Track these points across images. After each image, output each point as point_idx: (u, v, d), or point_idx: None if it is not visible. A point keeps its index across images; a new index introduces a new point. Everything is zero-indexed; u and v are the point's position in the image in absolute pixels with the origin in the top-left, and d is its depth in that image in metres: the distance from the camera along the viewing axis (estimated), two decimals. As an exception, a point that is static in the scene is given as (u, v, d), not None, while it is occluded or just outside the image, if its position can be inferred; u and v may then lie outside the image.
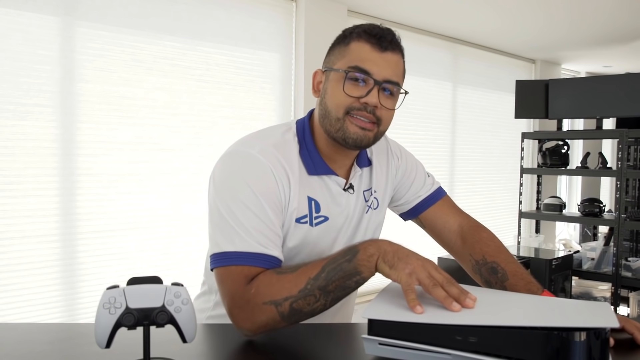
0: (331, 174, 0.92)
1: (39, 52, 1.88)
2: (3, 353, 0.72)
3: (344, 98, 0.86)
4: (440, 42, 3.49)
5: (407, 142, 3.29)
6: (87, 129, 2.01)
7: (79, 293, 2.01)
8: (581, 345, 0.62)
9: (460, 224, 1.04)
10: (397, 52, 0.88)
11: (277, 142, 0.89)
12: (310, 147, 0.91)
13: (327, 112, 0.88)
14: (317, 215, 0.89)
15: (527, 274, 0.94)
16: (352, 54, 0.87)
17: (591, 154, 3.62)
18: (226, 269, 0.80)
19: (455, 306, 0.69)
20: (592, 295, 3.39)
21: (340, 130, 0.86)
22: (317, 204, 0.90)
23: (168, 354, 0.69)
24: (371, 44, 0.86)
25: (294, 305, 0.76)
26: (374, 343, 0.70)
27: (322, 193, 0.91)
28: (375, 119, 0.86)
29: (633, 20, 3.07)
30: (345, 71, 0.86)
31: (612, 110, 3.37)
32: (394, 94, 0.89)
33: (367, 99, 0.85)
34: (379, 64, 0.85)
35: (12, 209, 1.85)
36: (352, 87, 0.86)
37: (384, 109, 0.87)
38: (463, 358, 0.65)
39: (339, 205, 0.93)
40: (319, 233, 0.90)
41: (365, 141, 0.87)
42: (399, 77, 0.89)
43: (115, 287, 0.62)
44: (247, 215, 0.81)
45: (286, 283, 0.77)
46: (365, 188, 0.99)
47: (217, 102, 2.37)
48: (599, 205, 3.38)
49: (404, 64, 0.91)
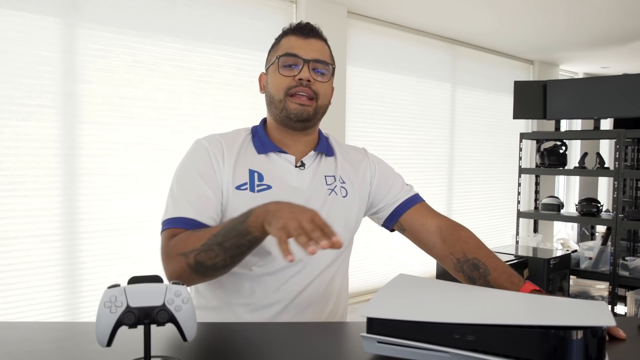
0: (280, 151, 1.03)
1: (41, 53, 1.89)
2: (5, 352, 0.72)
3: (281, 80, 0.99)
4: (439, 43, 3.51)
5: (407, 142, 3.33)
6: (89, 129, 2.02)
7: (80, 292, 2.02)
8: (578, 344, 0.62)
9: (438, 225, 1.06)
10: (319, 39, 1.03)
11: (226, 133, 1.05)
12: (261, 134, 1.05)
13: (272, 98, 1.02)
14: (259, 184, 0.99)
15: (507, 267, 0.98)
16: (282, 46, 1.02)
17: (589, 154, 3.64)
18: (163, 233, 0.95)
19: (310, 249, 0.69)
20: (589, 294, 3.40)
21: (284, 110, 1.00)
22: (260, 175, 1.00)
23: (168, 352, 0.69)
24: (295, 34, 1.02)
25: (197, 257, 0.86)
26: (372, 341, 0.70)
27: (268, 167, 1.02)
28: (313, 94, 0.99)
29: (630, 21, 3.09)
30: (278, 57, 1.01)
31: (609, 110, 3.39)
32: (326, 73, 1.02)
33: (300, 75, 0.98)
34: (304, 48, 1.00)
35: (15, 209, 1.86)
36: (286, 70, 1.00)
37: (318, 83, 1.00)
38: (461, 356, 0.65)
39: (286, 178, 1.01)
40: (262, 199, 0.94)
41: (305, 114, 0.99)
42: (325, 57, 1.02)
43: (116, 286, 0.62)
44: (181, 188, 0.97)
45: (195, 239, 0.88)
46: (328, 174, 1.06)
47: (218, 102, 2.39)
48: (597, 205, 3.40)
49: (330, 50, 1.06)
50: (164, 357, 0.68)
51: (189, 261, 0.87)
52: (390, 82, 3.20)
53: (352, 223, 1.07)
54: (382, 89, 3.15)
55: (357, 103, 2.99)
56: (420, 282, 0.87)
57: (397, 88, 3.24)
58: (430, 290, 0.82)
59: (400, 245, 3.15)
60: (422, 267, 3.26)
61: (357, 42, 3.00)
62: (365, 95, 3.05)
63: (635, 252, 3.75)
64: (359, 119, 3.01)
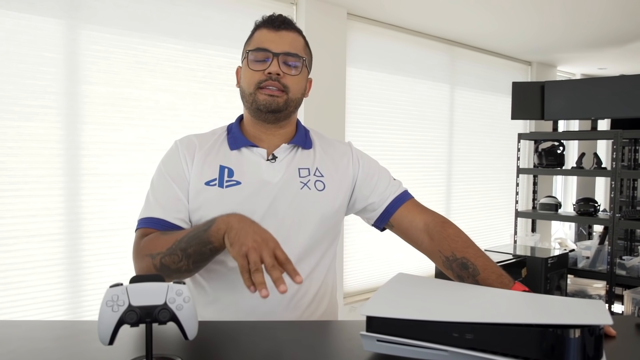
0: (252, 146, 1.03)
1: (44, 55, 1.90)
2: (8, 349, 0.72)
3: (252, 74, 0.99)
4: (438, 44, 3.52)
5: (406, 142, 3.35)
6: (91, 129, 2.03)
7: (82, 291, 2.03)
8: (576, 342, 0.62)
9: (425, 222, 1.05)
10: (291, 30, 1.01)
11: (202, 133, 1.07)
12: (235, 130, 1.05)
13: (243, 91, 1.02)
14: (228, 179, 0.99)
15: (497, 267, 0.97)
16: (254, 40, 1.02)
17: (586, 155, 3.67)
18: (136, 232, 0.97)
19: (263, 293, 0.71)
20: (587, 293, 3.42)
21: (254, 102, 0.99)
22: (230, 170, 1.00)
23: (170, 350, 0.69)
24: (266, 27, 1.01)
25: (162, 260, 0.89)
26: (372, 340, 0.70)
27: (239, 162, 1.01)
28: (283, 87, 0.98)
29: (627, 23, 3.11)
30: (248, 51, 1.00)
31: (606, 111, 3.41)
32: (297, 66, 1.00)
33: (270, 69, 0.97)
34: (275, 41, 0.99)
35: (18, 209, 1.87)
36: (257, 64, 0.99)
37: (289, 77, 0.99)
38: (460, 355, 0.66)
39: (256, 172, 1.01)
40: (230, 195, 0.97)
41: (274, 105, 0.99)
42: (297, 50, 1.00)
43: (118, 285, 0.63)
44: (153, 189, 1.00)
45: (162, 242, 0.90)
46: (302, 166, 1.04)
47: (219, 103, 2.40)
48: (594, 205, 3.43)
49: (304, 40, 1.04)
50: (166, 355, 0.69)
51: (155, 263, 0.89)
52: (390, 83, 3.22)
53: (331, 217, 1.04)
54: (382, 90, 3.17)
55: (356, 104, 3.01)
56: (419, 281, 0.87)
57: (396, 89, 3.26)
58: (429, 289, 0.82)
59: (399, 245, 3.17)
60: (421, 267, 3.28)
61: (357, 43, 3.02)
62: (365, 95, 3.07)
63: (632, 252, 3.78)
64: (359, 119, 3.03)
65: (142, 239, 0.94)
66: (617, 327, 0.81)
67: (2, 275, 1.84)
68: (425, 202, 1.16)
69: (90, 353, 0.71)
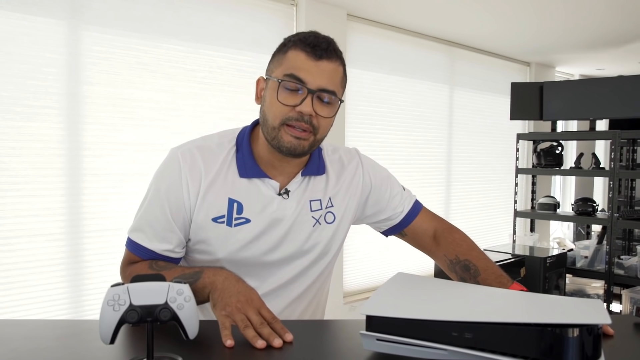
0: (264, 177, 0.93)
1: (45, 55, 1.91)
2: (10, 348, 0.72)
3: (280, 108, 0.87)
4: (437, 45, 3.54)
5: (405, 143, 3.37)
6: (92, 130, 2.04)
7: (84, 290, 2.04)
8: (574, 341, 0.62)
9: (435, 228, 1.09)
10: (333, 59, 0.88)
11: (205, 146, 0.94)
12: (246, 152, 0.94)
13: (265, 120, 0.90)
14: (237, 217, 0.91)
15: (497, 268, 0.99)
16: (288, 62, 0.87)
17: (585, 155, 3.68)
18: (125, 249, 0.95)
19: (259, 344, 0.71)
20: (585, 292, 3.43)
21: (275, 139, 0.88)
22: (240, 206, 0.91)
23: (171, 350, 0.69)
24: (306, 52, 0.87)
25: None
26: (371, 339, 0.71)
27: (249, 195, 0.92)
28: (312, 128, 0.87)
29: (625, 24, 3.13)
30: (280, 80, 0.87)
31: (605, 111, 3.43)
32: (331, 102, 0.89)
33: (301, 108, 0.86)
34: (313, 73, 0.86)
35: (20, 208, 1.88)
36: (287, 95, 0.87)
37: (320, 117, 0.88)
38: (459, 354, 0.66)
39: (268, 209, 0.93)
40: (237, 234, 0.91)
41: (299, 149, 0.88)
42: (335, 86, 0.89)
43: (119, 285, 0.63)
44: (150, 209, 0.92)
45: None
46: (314, 197, 0.97)
47: (219, 104, 2.41)
48: (592, 205, 3.44)
49: (344, 71, 0.92)
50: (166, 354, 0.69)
51: None
52: (389, 83, 3.23)
53: (338, 244, 1.03)
54: (381, 91, 3.19)
55: (356, 104, 3.03)
56: (418, 280, 0.87)
57: (395, 89, 3.27)
58: (429, 288, 0.83)
59: (398, 245, 3.19)
60: (420, 266, 3.30)
61: (357, 44, 3.03)
62: (365, 96, 3.08)
63: (630, 251, 3.79)
64: (358, 120, 3.05)
65: (128, 266, 0.94)
66: (615, 327, 0.81)
67: (4, 275, 1.86)
68: (425, 202, 1.18)
69: (92, 352, 0.72)
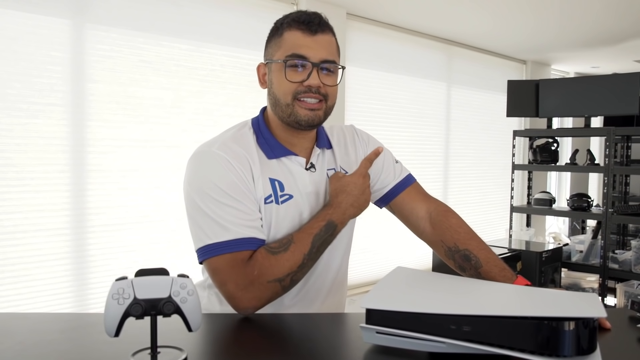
0: (291, 154, 0.97)
1: (50, 54, 1.93)
2: (16, 341, 0.73)
3: (289, 85, 0.92)
4: (435, 43, 3.57)
5: (404, 139, 3.40)
6: (96, 127, 2.06)
7: (88, 284, 2.06)
8: (570, 334, 0.63)
9: (427, 210, 1.05)
10: (327, 32, 0.94)
11: (234, 136, 0.96)
12: (267, 135, 0.98)
13: (277, 100, 0.95)
14: (282, 194, 0.94)
15: (499, 260, 0.97)
16: (287, 43, 0.92)
17: (580, 151, 3.72)
18: (218, 258, 0.86)
19: None
20: (580, 286, 3.46)
21: (292, 115, 0.93)
22: (281, 184, 0.95)
23: (174, 342, 0.70)
24: (302, 30, 0.92)
25: (294, 278, 0.88)
26: (371, 332, 0.71)
27: (284, 173, 0.96)
28: (322, 97, 0.93)
29: (619, 23, 3.17)
30: (284, 60, 0.92)
31: (599, 109, 3.46)
32: (334, 70, 0.95)
33: (309, 82, 0.91)
34: (312, 48, 0.91)
35: (25, 204, 1.90)
36: (293, 73, 0.92)
37: (327, 87, 0.94)
38: (457, 346, 0.67)
39: (302, 183, 0.97)
40: (285, 211, 0.94)
41: (316, 120, 0.94)
42: (334, 55, 0.95)
43: (123, 279, 0.63)
44: (222, 208, 0.87)
45: (285, 262, 0.86)
46: (329, 167, 1.02)
47: (221, 101, 2.44)
48: (587, 200, 3.47)
49: (337, 41, 0.98)
50: (170, 347, 0.69)
51: (285, 284, 0.86)
52: (388, 81, 3.26)
53: None
54: (380, 88, 3.22)
55: (356, 102, 3.06)
56: (417, 274, 0.88)
57: (394, 87, 3.31)
58: (427, 282, 0.83)
59: (397, 239, 3.23)
60: (419, 260, 3.34)
61: (356, 42, 3.06)
62: (364, 94, 3.12)
63: (625, 246, 3.83)
64: (358, 117, 3.08)
65: (244, 267, 0.85)
66: (610, 320, 0.82)
67: (10, 269, 1.88)
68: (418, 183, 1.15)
69: (97, 345, 0.73)
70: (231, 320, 0.85)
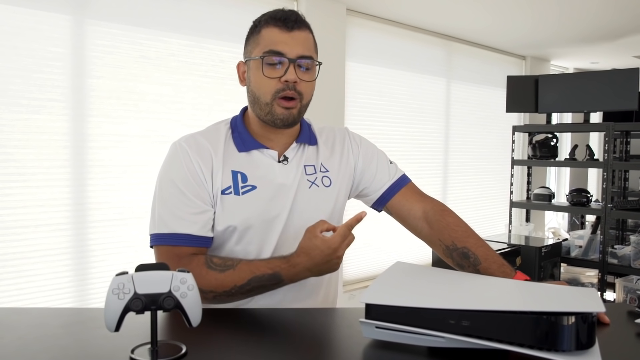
0: (263, 147, 1.00)
1: (51, 49, 1.93)
2: (17, 336, 0.74)
3: (267, 82, 0.94)
4: (434, 39, 3.57)
5: (404, 135, 3.41)
6: (97, 122, 2.06)
7: (89, 279, 2.06)
8: (569, 329, 0.63)
9: (424, 210, 1.05)
10: (303, 28, 0.96)
11: (206, 130, 1.01)
12: (241, 130, 1.01)
13: (256, 98, 0.96)
14: (243, 185, 0.96)
15: (498, 256, 0.97)
16: (264, 40, 0.95)
17: (579, 147, 3.73)
18: (159, 248, 0.93)
19: None
20: (579, 281, 3.48)
21: (270, 114, 0.95)
22: (244, 175, 0.97)
23: (174, 337, 0.71)
24: (278, 27, 0.94)
25: (216, 297, 0.89)
26: (371, 327, 0.71)
27: (250, 165, 0.98)
28: (297, 94, 0.94)
29: (618, 18, 3.17)
30: (261, 57, 0.94)
31: (599, 104, 3.47)
32: (310, 67, 0.96)
33: (286, 77, 0.93)
34: (289, 44, 0.93)
35: (26, 199, 1.90)
36: (271, 70, 0.93)
37: (304, 82, 0.95)
38: (456, 341, 0.67)
39: (272, 175, 0.98)
40: (246, 201, 0.95)
41: (291, 118, 0.96)
42: (310, 51, 0.96)
43: (124, 274, 0.63)
44: (170, 200, 0.93)
45: (213, 280, 0.88)
46: (308, 163, 1.02)
47: (221, 97, 2.44)
48: (587, 195, 3.49)
49: (314, 38, 0.99)
50: (170, 341, 0.70)
51: (205, 297, 0.88)
52: (388, 77, 3.27)
53: (338, 211, 1.05)
54: (380, 84, 3.22)
55: (355, 97, 3.07)
56: (416, 269, 0.88)
57: (394, 83, 3.31)
58: (426, 277, 0.84)
59: (397, 234, 3.24)
60: (418, 256, 3.35)
61: (356, 38, 3.06)
62: (364, 89, 3.12)
63: (624, 241, 3.84)
64: (358, 112, 3.08)
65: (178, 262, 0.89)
66: (608, 315, 0.83)
67: (10, 264, 1.88)
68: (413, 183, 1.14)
69: (97, 339, 0.73)
70: (231, 315, 0.86)
